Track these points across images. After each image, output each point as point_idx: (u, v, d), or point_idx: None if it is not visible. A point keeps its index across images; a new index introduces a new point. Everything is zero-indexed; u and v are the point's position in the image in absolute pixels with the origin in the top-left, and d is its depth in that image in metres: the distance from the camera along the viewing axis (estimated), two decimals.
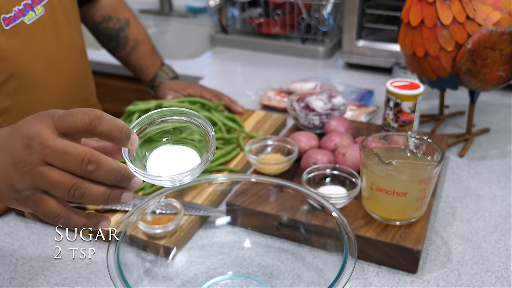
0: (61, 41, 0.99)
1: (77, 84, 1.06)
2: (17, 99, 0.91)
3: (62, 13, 0.99)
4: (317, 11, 1.64)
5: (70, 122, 0.49)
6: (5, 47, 0.87)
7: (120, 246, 0.63)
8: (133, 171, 0.52)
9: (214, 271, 0.74)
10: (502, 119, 1.24)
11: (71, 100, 1.01)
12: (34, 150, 0.49)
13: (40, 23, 0.93)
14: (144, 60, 1.25)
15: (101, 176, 0.50)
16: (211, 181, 0.81)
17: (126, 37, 1.23)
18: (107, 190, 0.51)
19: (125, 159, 0.52)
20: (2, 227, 0.86)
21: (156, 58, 1.27)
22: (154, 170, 0.54)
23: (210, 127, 0.55)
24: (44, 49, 0.95)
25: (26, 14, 0.90)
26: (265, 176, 0.92)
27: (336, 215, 0.68)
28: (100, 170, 0.49)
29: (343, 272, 0.59)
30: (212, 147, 0.54)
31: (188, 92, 1.20)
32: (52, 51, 0.97)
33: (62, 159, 0.49)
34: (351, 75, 1.54)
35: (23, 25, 0.90)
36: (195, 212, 0.83)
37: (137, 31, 1.25)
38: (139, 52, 1.25)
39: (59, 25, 0.98)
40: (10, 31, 0.88)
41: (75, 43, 1.04)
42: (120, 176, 0.51)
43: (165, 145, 0.56)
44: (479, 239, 0.83)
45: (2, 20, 0.86)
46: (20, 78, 0.91)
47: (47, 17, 0.94)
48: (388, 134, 0.85)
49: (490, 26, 0.95)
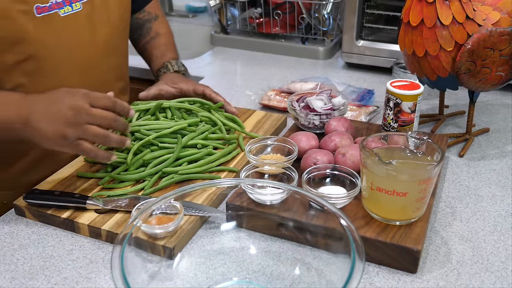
0: (95, 39, 1.04)
1: (101, 82, 1.09)
2: (34, 78, 0.97)
3: (102, 13, 1.05)
4: (317, 11, 1.64)
5: (99, 104, 0.83)
6: (31, 32, 0.93)
7: (124, 249, 0.63)
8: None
9: (214, 271, 0.74)
10: (502, 119, 1.24)
11: (86, 86, 1.03)
12: (82, 116, 0.81)
13: (75, 18, 0.99)
14: (157, 50, 1.29)
15: (119, 128, 0.86)
16: (215, 185, 0.81)
17: (149, 28, 1.30)
18: (121, 137, 0.87)
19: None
20: (2, 227, 0.86)
21: (169, 51, 1.29)
22: None
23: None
24: (74, 42, 1.01)
25: (63, 7, 0.97)
26: (266, 180, 0.92)
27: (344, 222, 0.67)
28: (118, 125, 0.86)
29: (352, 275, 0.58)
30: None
31: (180, 86, 1.17)
32: (82, 46, 1.02)
33: (101, 119, 0.83)
34: (351, 75, 1.54)
35: (57, 16, 0.97)
36: (195, 212, 0.83)
37: (161, 26, 1.32)
38: (155, 42, 1.29)
39: (95, 23, 1.03)
40: (40, 19, 0.94)
41: (111, 43, 1.08)
42: (126, 127, 0.88)
43: None
44: (478, 239, 0.83)
45: (35, 8, 0.94)
46: (40, 61, 0.97)
47: (83, 14, 1.01)
48: (388, 134, 0.85)
49: (490, 26, 0.95)
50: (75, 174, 0.96)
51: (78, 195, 0.87)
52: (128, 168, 0.94)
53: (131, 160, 0.94)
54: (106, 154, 0.86)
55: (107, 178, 0.93)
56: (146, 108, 1.05)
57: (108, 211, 0.86)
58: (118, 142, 0.87)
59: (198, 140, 0.99)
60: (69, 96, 0.82)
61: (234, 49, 1.78)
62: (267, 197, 0.82)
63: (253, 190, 0.83)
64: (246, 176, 0.89)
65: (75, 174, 0.96)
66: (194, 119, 1.04)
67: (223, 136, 1.04)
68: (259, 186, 0.82)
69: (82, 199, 0.85)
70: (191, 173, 0.94)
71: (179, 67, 1.26)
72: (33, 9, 0.93)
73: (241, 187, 0.84)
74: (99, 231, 0.82)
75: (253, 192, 0.83)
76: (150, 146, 0.97)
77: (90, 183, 0.93)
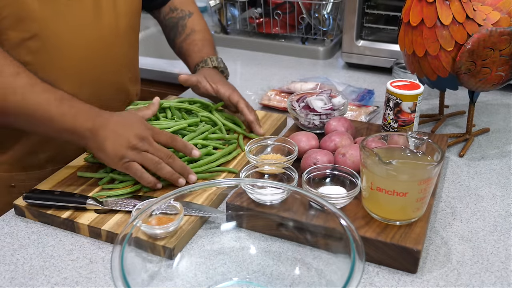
0: (100, 24, 1.04)
1: (109, 68, 1.08)
2: (39, 56, 0.97)
3: (109, 0, 1.04)
4: (317, 11, 1.64)
5: (159, 138, 0.91)
6: (36, 11, 0.93)
7: (124, 249, 0.63)
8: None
9: (214, 271, 0.74)
10: (502, 119, 1.24)
11: (92, 70, 1.05)
12: (143, 144, 0.89)
13: (81, 1, 0.99)
14: (194, 46, 1.26)
15: (174, 166, 0.91)
16: (215, 185, 0.82)
17: (184, 25, 1.28)
18: (173, 172, 0.91)
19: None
20: (2, 227, 0.86)
21: (207, 47, 1.26)
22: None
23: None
24: (79, 24, 1.00)
25: None
26: (266, 180, 0.92)
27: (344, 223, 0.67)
28: (174, 163, 0.91)
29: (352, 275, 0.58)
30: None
31: (218, 88, 1.13)
32: (87, 28, 1.02)
33: (158, 152, 0.90)
34: (351, 75, 1.54)
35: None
36: (195, 212, 0.83)
37: (196, 22, 1.29)
38: (191, 38, 1.27)
39: (102, 8, 1.03)
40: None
41: (117, 30, 1.07)
42: (184, 170, 0.92)
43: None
44: (478, 239, 0.83)
45: None
46: (45, 40, 0.96)
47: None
48: (388, 134, 0.85)
49: (490, 26, 0.95)
50: (75, 174, 0.96)
51: (78, 195, 0.86)
52: None
53: None
54: (151, 179, 0.90)
55: (107, 178, 0.93)
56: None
57: (108, 211, 0.86)
58: (169, 174, 0.90)
59: (198, 140, 0.99)
60: (138, 124, 0.90)
61: (234, 49, 1.78)
62: (267, 197, 0.82)
63: (253, 190, 0.83)
64: (246, 176, 0.89)
65: (75, 174, 0.96)
66: (194, 119, 1.04)
67: (223, 136, 1.04)
68: (259, 186, 0.82)
69: (82, 199, 0.85)
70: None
71: (219, 63, 1.23)
72: None
73: (241, 187, 0.84)
74: (99, 231, 0.82)
75: (253, 192, 0.83)
76: None
77: (90, 183, 0.93)
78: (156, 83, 1.58)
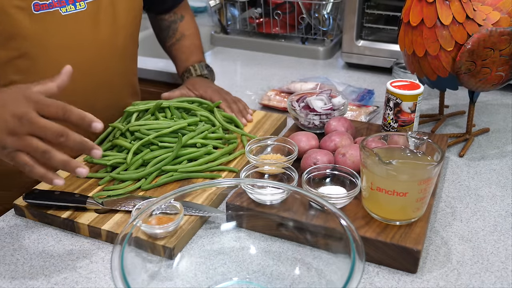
0: (97, 40, 1.02)
1: (105, 85, 1.07)
2: (27, 77, 0.94)
3: (108, 14, 1.02)
4: (317, 11, 1.64)
5: (47, 111, 0.70)
6: (26, 28, 0.91)
7: (124, 249, 0.63)
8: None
9: (214, 271, 0.74)
10: (502, 119, 1.24)
11: (85, 90, 1.03)
12: (23, 125, 0.69)
13: (78, 17, 0.97)
14: (181, 53, 1.29)
15: (68, 145, 0.70)
16: (215, 185, 0.81)
17: (175, 29, 1.30)
18: (68, 158, 0.71)
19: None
20: (2, 227, 0.86)
21: (193, 54, 1.29)
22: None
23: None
24: (74, 42, 0.98)
25: (65, 6, 0.95)
26: (266, 180, 0.92)
27: (344, 223, 0.67)
28: (68, 141, 0.70)
29: (352, 275, 0.58)
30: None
31: (200, 93, 1.19)
32: (82, 46, 1.00)
33: (43, 131, 0.69)
34: (351, 75, 1.54)
35: (57, 14, 0.94)
36: (195, 212, 0.83)
37: (187, 27, 1.32)
38: (180, 44, 1.30)
39: (100, 24, 1.01)
40: (38, 16, 0.92)
41: (116, 45, 1.06)
42: (84, 146, 0.71)
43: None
44: (478, 239, 0.83)
45: (33, 5, 0.92)
46: (36, 59, 0.94)
47: (87, 14, 0.99)
48: (388, 134, 0.85)
49: (490, 26, 0.95)
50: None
51: (78, 195, 0.86)
52: (128, 168, 0.94)
53: (131, 159, 0.94)
54: (47, 175, 0.71)
55: (107, 178, 0.93)
56: (145, 108, 1.05)
57: (108, 211, 0.86)
58: (61, 163, 0.71)
59: (198, 140, 0.99)
60: (15, 101, 0.71)
61: (234, 49, 1.78)
62: (267, 197, 0.82)
63: (253, 190, 0.83)
64: (246, 176, 0.89)
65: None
66: (193, 119, 1.04)
67: (222, 135, 1.04)
68: (259, 186, 0.82)
69: (82, 199, 0.85)
70: (191, 171, 0.94)
71: (202, 70, 1.27)
72: (31, 5, 0.91)
73: (241, 187, 0.84)
74: (99, 231, 0.82)
75: (253, 192, 0.83)
76: (150, 146, 0.97)
77: (90, 183, 0.93)
78: (155, 83, 1.58)
